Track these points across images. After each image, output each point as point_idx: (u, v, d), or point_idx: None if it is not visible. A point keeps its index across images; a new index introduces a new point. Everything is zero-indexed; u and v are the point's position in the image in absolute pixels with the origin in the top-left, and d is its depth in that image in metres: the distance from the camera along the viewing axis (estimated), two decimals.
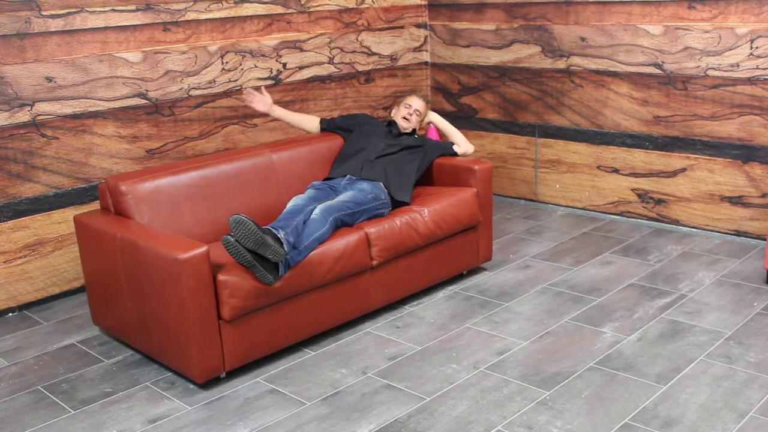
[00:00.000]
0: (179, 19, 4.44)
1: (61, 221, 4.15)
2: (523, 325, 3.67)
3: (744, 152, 4.56)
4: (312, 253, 3.41)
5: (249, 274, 3.17)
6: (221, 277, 3.10)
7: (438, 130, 4.56)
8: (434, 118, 4.53)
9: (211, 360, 3.15)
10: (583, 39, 5.07)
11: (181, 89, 4.51)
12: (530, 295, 4.02)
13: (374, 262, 3.68)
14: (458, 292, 4.10)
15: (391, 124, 4.43)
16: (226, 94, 4.72)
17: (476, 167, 4.16)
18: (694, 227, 4.87)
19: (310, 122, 4.45)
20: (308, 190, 3.88)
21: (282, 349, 3.47)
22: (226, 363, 3.20)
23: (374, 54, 5.53)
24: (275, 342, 3.38)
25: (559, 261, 4.47)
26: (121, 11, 4.20)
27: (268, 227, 3.24)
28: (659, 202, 4.98)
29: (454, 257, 4.12)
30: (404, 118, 4.37)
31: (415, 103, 4.45)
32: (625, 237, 4.83)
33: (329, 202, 3.69)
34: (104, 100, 4.22)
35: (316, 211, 3.59)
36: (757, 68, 4.41)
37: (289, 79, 5.04)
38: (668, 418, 2.86)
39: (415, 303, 3.98)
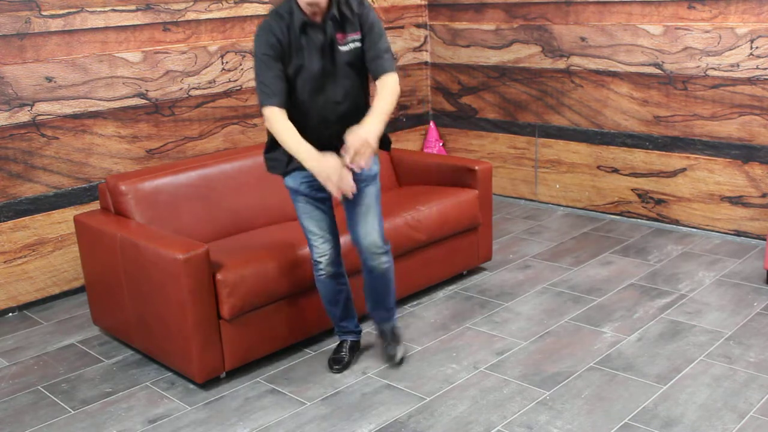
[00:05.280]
0: (179, 19, 4.44)
1: (61, 221, 4.15)
2: (523, 325, 3.67)
3: (744, 152, 4.56)
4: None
5: (248, 272, 3.17)
6: (220, 275, 3.10)
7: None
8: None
9: (211, 360, 3.15)
10: (583, 39, 5.07)
11: (181, 89, 4.51)
12: (530, 295, 4.02)
13: None
14: (458, 292, 4.10)
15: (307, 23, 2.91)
16: (226, 94, 4.72)
17: (476, 167, 4.16)
18: (694, 227, 4.87)
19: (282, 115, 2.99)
20: (306, 220, 3.12)
21: (282, 349, 3.47)
22: (226, 363, 3.20)
23: None
24: (275, 342, 3.38)
25: (559, 261, 4.47)
26: (121, 11, 4.20)
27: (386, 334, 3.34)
28: (659, 202, 4.98)
29: (454, 257, 4.12)
30: (308, 4, 2.87)
31: None
32: (625, 237, 4.83)
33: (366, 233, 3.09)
34: (104, 100, 4.21)
35: (374, 262, 3.12)
36: (757, 68, 4.41)
37: None
38: (668, 418, 2.86)
39: (415, 303, 3.98)
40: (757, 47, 4.38)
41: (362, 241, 3.09)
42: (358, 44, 2.97)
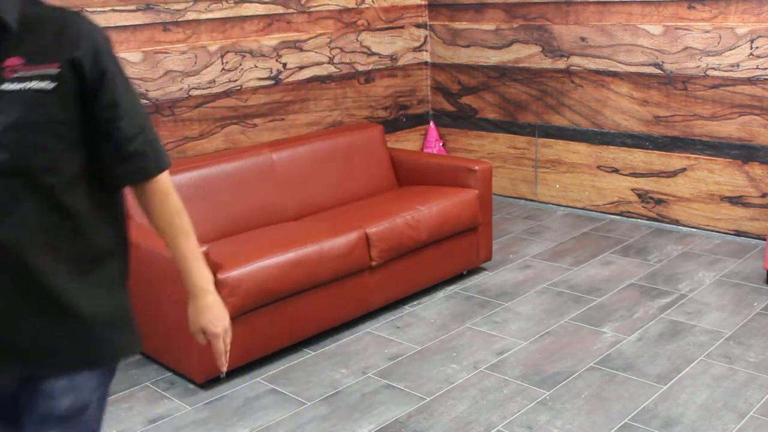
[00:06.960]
0: (179, 19, 4.44)
1: None
2: (523, 325, 3.67)
3: (744, 152, 4.56)
4: (311, 252, 3.40)
5: (248, 272, 3.17)
6: (220, 275, 3.10)
7: None
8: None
9: (211, 360, 3.14)
10: (583, 39, 5.07)
11: (181, 89, 4.51)
12: (530, 295, 4.02)
13: (374, 263, 3.67)
14: (458, 292, 4.10)
15: None
16: (226, 94, 4.72)
17: (476, 167, 4.16)
18: (694, 227, 4.87)
19: None
20: None
21: (282, 349, 3.47)
22: None
23: (374, 54, 5.53)
24: (275, 342, 3.37)
25: (559, 261, 4.47)
26: (121, 11, 4.20)
27: None
28: (659, 202, 4.98)
29: (454, 257, 4.11)
30: None
31: None
32: (625, 237, 4.83)
33: None
34: None
35: None
36: (757, 68, 4.40)
37: (289, 79, 5.04)
38: (668, 418, 2.86)
39: (415, 303, 3.98)
40: (757, 47, 4.38)
41: None
42: (47, 85, 1.43)
